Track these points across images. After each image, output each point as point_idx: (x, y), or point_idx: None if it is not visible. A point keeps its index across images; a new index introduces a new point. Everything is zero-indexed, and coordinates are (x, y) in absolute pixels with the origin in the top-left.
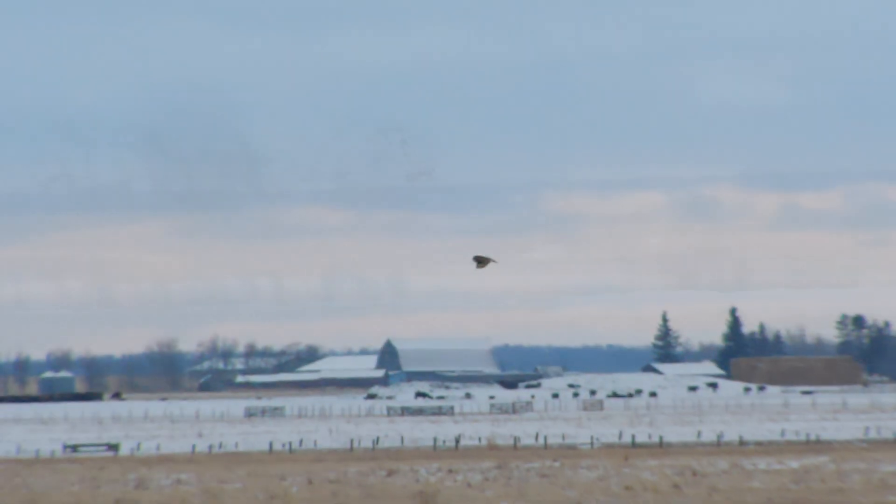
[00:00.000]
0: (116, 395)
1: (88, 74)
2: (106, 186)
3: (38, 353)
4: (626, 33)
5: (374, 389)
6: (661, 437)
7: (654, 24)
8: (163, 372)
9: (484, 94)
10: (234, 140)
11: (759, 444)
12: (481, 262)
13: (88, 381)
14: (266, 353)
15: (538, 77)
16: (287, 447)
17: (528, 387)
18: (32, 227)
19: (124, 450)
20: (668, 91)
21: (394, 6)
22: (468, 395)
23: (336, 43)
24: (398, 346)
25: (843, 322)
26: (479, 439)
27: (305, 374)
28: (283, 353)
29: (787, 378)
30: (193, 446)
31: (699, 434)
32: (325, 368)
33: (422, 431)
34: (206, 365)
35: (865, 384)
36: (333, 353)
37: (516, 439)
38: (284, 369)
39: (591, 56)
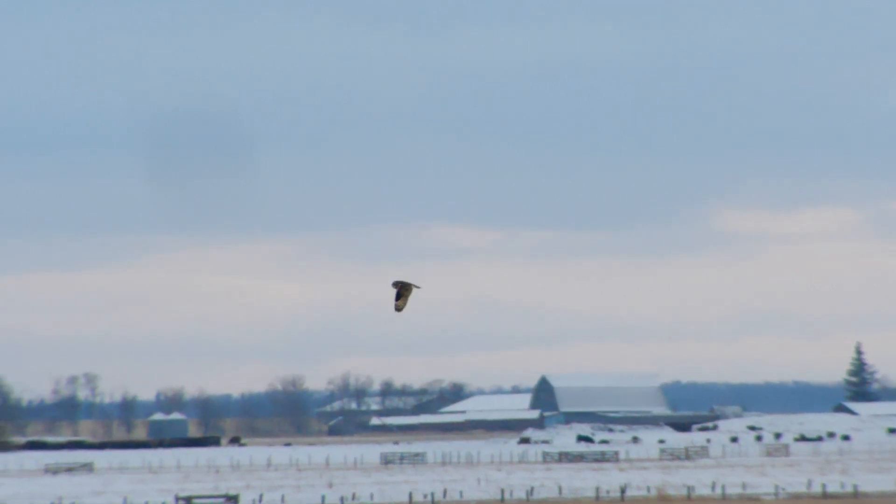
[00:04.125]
0: (235, 440)
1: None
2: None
3: (146, 393)
4: (800, 29)
5: (528, 433)
6: (855, 487)
7: (836, 19)
8: (287, 413)
9: (642, 97)
10: (356, 147)
11: None
12: (402, 291)
13: (203, 423)
14: (404, 392)
15: (701, 79)
16: (429, 498)
17: (703, 429)
18: (125, 249)
19: (244, 502)
20: (855, 94)
21: (532, 2)
22: (635, 439)
23: (463, 42)
24: (554, 383)
25: None
26: (648, 489)
27: (449, 415)
28: (423, 391)
29: None
30: (323, 498)
31: None
32: (471, 409)
33: (582, 480)
34: (336, 405)
35: None
36: (481, 392)
37: (690, 489)
38: (425, 410)
39: (762, 55)
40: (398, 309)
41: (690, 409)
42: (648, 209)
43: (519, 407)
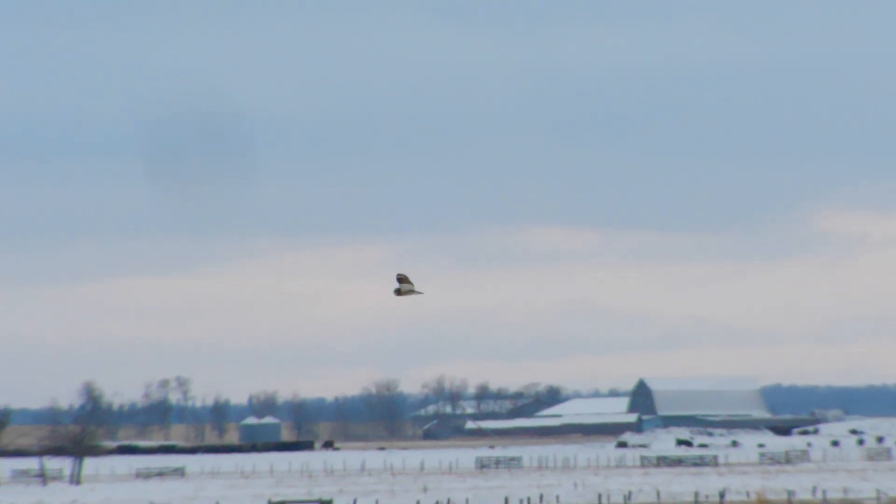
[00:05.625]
0: (328, 444)
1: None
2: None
3: (238, 397)
4: None
5: (626, 437)
6: None
7: None
8: (381, 417)
9: (742, 98)
10: (455, 149)
11: None
12: (402, 284)
13: (296, 428)
14: (500, 396)
15: (804, 80)
16: (525, 503)
17: (804, 433)
18: (218, 252)
19: None
20: None
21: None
22: (734, 443)
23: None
24: (652, 386)
25: None
26: (748, 494)
27: (545, 419)
28: (519, 395)
29: None
30: (417, 502)
31: None
32: (568, 413)
33: (681, 485)
34: (430, 409)
35: None
36: (578, 395)
37: (790, 494)
38: (521, 414)
39: (860, 57)
40: (397, 293)
41: (791, 412)
42: (748, 211)
43: (616, 410)
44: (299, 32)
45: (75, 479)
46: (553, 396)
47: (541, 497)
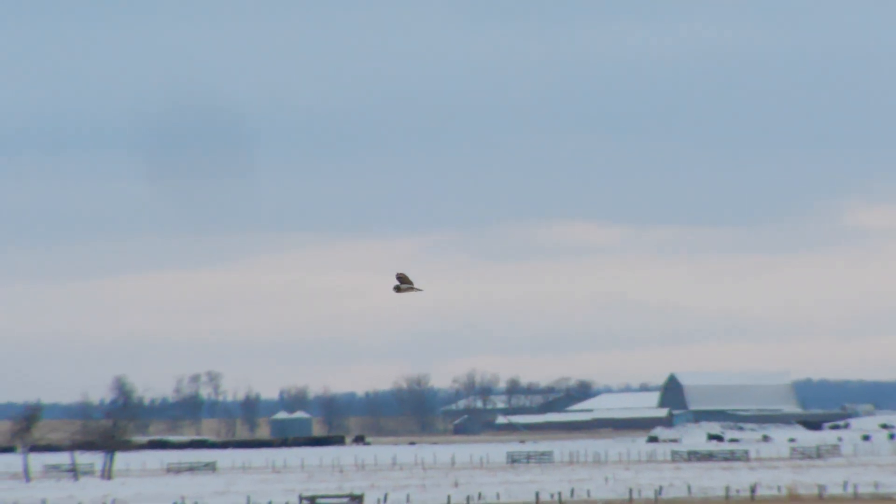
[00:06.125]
0: (359, 439)
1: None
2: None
3: (269, 392)
4: None
5: (656, 431)
6: None
7: None
8: (412, 412)
9: (773, 91)
10: (484, 144)
11: None
12: (402, 283)
13: (326, 422)
14: (531, 391)
15: (833, 73)
16: (556, 498)
17: (835, 428)
18: (248, 248)
19: (369, 502)
20: None
21: None
22: (765, 438)
23: (590, 37)
24: (683, 381)
25: None
26: (778, 489)
27: (576, 413)
28: (550, 389)
29: None
30: (448, 497)
31: None
32: (598, 407)
33: (711, 479)
34: (461, 404)
35: None
36: (608, 390)
37: (821, 488)
38: (552, 408)
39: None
40: (397, 290)
41: (821, 407)
42: (778, 205)
43: (647, 405)
44: (327, 25)
45: (106, 474)
46: (584, 391)
47: (572, 491)
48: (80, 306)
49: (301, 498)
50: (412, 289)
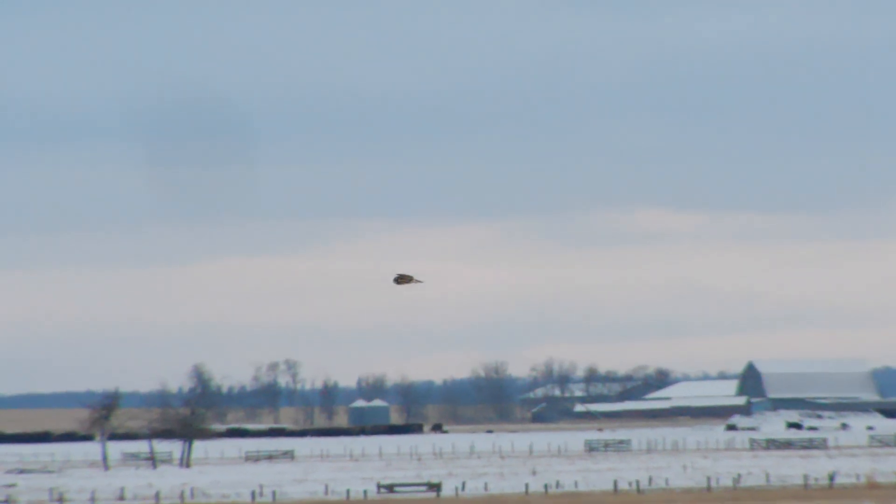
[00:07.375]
0: (437, 427)
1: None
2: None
3: (347, 380)
4: None
5: (734, 419)
6: None
7: None
8: (490, 400)
9: (852, 78)
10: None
11: None
12: (402, 279)
13: (405, 410)
14: (609, 379)
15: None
16: (634, 486)
17: None
18: (326, 234)
19: (447, 490)
20: None
21: None
22: (843, 426)
23: (667, 23)
24: (761, 368)
25: None
26: (857, 477)
27: (654, 401)
28: (628, 377)
29: None
30: (526, 486)
31: None
32: (676, 395)
33: (790, 468)
34: (539, 392)
35: None
36: (687, 378)
37: None
38: (630, 396)
39: None
40: (397, 282)
41: None
42: (856, 191)
43: (725, 393)
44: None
45: (185, 462)
46: (662, 379)
47: (650, 480)
48: (158, 294)
49: (379, 486)
50: (413, 280)
